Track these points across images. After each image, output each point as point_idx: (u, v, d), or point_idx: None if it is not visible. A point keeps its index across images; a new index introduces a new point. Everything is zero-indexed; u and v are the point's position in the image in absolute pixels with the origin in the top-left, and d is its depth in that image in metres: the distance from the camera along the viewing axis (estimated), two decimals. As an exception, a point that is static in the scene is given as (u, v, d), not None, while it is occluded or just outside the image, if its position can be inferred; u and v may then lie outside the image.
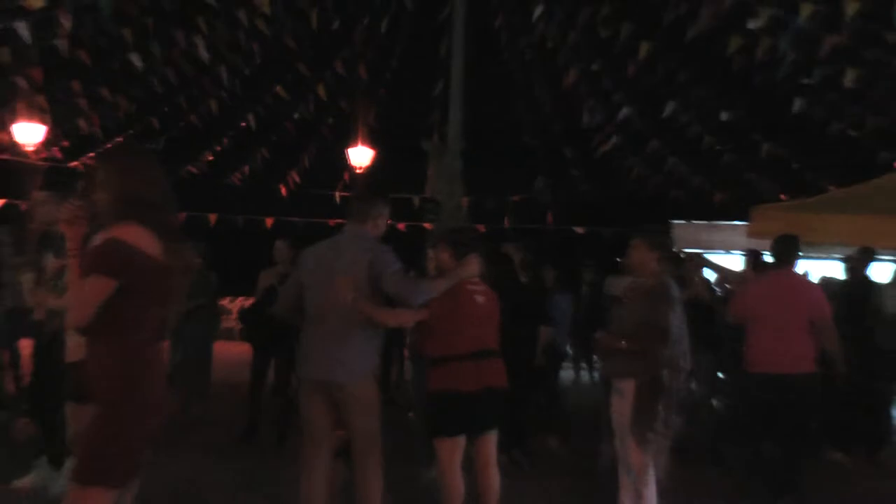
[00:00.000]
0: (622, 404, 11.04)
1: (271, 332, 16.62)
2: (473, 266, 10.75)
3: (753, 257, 17.60)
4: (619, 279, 13.65)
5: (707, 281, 17.29)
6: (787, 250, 14.43)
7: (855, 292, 17.08)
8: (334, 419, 10.38)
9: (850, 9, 18.08)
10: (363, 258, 10.29)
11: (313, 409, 10.42)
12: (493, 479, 10.62)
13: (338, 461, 10.81)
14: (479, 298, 10.70)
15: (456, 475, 10.31)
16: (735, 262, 21.31)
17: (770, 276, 14.93)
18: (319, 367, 10.42)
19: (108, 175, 6.94)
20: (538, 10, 25.22)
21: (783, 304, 13.90)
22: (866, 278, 17.64)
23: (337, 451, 10.70)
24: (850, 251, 17.93)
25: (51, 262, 11.46)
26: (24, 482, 12.74)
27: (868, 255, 17.54)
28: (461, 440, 10.46)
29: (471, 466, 10.81)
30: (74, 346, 9.49)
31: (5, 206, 29.69)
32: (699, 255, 17.93)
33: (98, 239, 6.78)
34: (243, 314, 18.09)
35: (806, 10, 18.92)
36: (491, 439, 10.73)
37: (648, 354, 10.80)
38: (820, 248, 18.77)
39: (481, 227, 29.09)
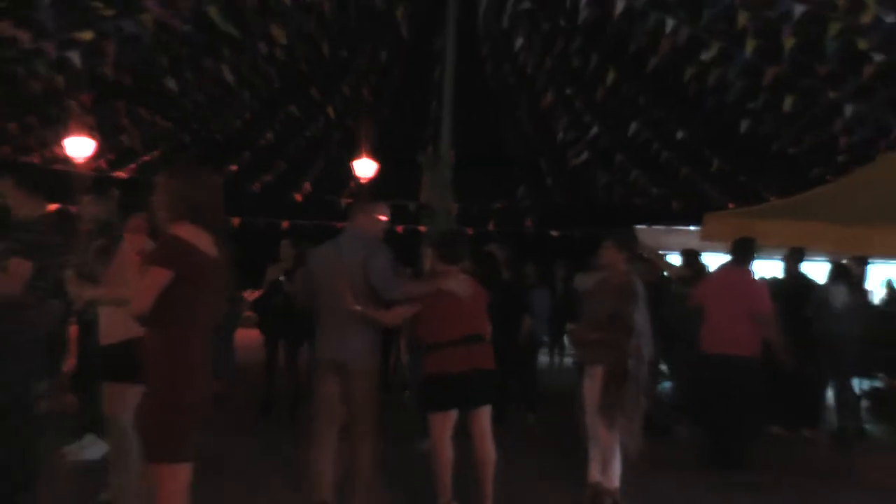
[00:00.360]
0: (592, 387, 11.17)
1: (278, 320, 16.81)
2: (452, 279, 10.84)
3: (689, 257, 17.81)
4: (586, 276, 13.73)
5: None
6: (744, 251, 14.72)
7: (790, 288, 17.21)
8: (342, 393, 10.61)
9: (788, 44, 18.22)
10: (359, 256, 10.61)
11: (326, 385, 10.67)
12: (489, 449, 10.64)
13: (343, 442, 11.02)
14: (464, 292, 10.66)
15: (446, 446, 10.41)
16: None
17: (724, 271, 15.20)
18: (331, 349, 10.77)
19: (172, 184, 7.03)
20: (519, 42, 25.30)
21: (730, 297, 14.18)
22: (800, 275, 17.80)
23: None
24: (786, 252, 18.08)
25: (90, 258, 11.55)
26: (71, 449, 12.87)
27: (798, 255, 17.71)
28: (452, 414, 10.55)
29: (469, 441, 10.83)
30: (106, 330, 9.60)
31: (59, 210, 29.77)
32: (658, 254, 18.10)
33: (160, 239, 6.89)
34: (254, 304, 18.20)
35: (751, 45, 19.05)
36: (483, 414, 10.72)
37: (616, 344, 10.91)
38: (762, 249, 18.89)
39: (469, 230, 29.16)
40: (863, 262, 17.24)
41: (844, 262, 17.24)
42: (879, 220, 16.51)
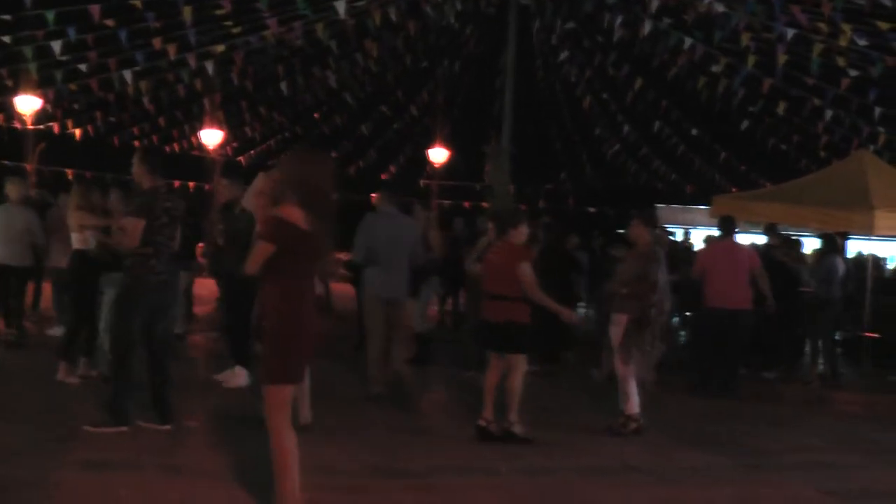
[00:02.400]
0: (617, 332, 11.31)
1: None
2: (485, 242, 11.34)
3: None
4: (619, 246, 13.92)
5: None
6: (727, 226, 14.97)
7: (776, 253, 17.33)
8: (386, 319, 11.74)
9: (781, 60, 18.36)
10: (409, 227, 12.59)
11: (378, 314, 11.87)
12: (514, 380, 10.37)
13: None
14: (493, 257, 10.63)
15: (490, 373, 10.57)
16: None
17: (717, 243, 15.47)
18: (386, 289, 11.98)
19: (287, 165, 7.24)
20: (564, 55, 25.49)
21: (729, 261, 14.40)
22: (789, 240, 17.97)
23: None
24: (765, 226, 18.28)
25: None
26: (224, 376, 12.56)
27: (772, 229, 17.84)
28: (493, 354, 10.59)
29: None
30: None
31: (195, 187, 30.40)
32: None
33: (271, 214, 7.07)
34: (346, 263, 18.40)
35: (751, 61, 19.21)
36: (513, 356, 10.45)
37: (640, 298, 11.09)
38: (758, 225, 19.06)
39: (523, 207, 29.34)
40: (843, 237, 17.31)
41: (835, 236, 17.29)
42: (852, 203, 16.65)
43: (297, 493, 6.72)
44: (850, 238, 17.98)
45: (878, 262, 19.02)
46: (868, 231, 16.69)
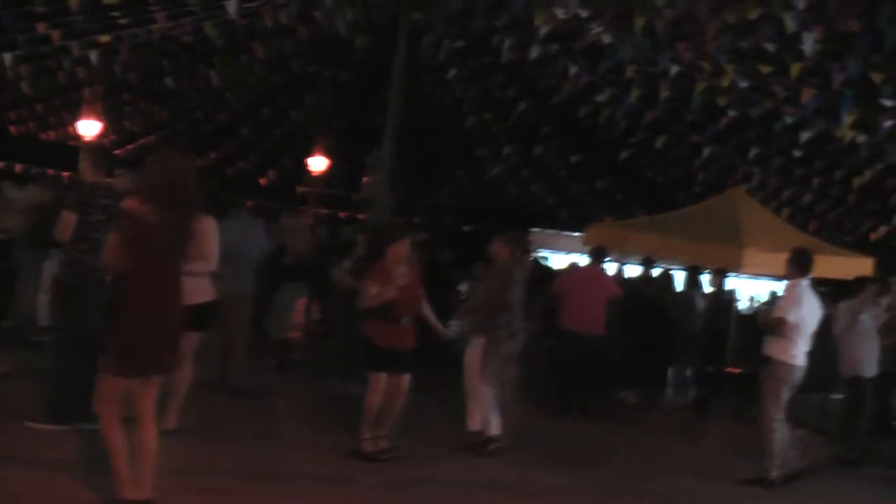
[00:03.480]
0: (473, 354, 11.32)
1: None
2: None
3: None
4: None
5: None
6: (599, 254, 15.24)
7: (645, 285, 17.65)
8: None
9: (663, 95, 18.65)
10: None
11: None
12: (402, 401, 10.41)
13: None
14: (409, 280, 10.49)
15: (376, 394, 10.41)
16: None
17: (583, 268, 15.74)
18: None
19: (149, 165, 7.19)
20: (452, 73, 25.57)
21: (587, 286, 14.63)
22: (652, 276, 18.26)
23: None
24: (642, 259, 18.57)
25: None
26: None
27: (649, 263, 18.17)
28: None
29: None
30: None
31: (70, 177, 29.85)
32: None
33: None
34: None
35: (635, 93, 19.46)
36: (405, 377, 10.44)
37: (491, 318, 11.12)
38: (631, 255, 19.32)
39: (398, 220, 29.30)
40: (720, 273, 17.59)
41: (707, 272, 17.61)
42: (722, 240, 16.97)
43: (128, 478, 6.81)
44: (728, 275, 18.27)
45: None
46: (736, 268, 17.04)
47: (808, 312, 11.32)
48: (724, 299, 17.73)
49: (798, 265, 11.43)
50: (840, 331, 13.35)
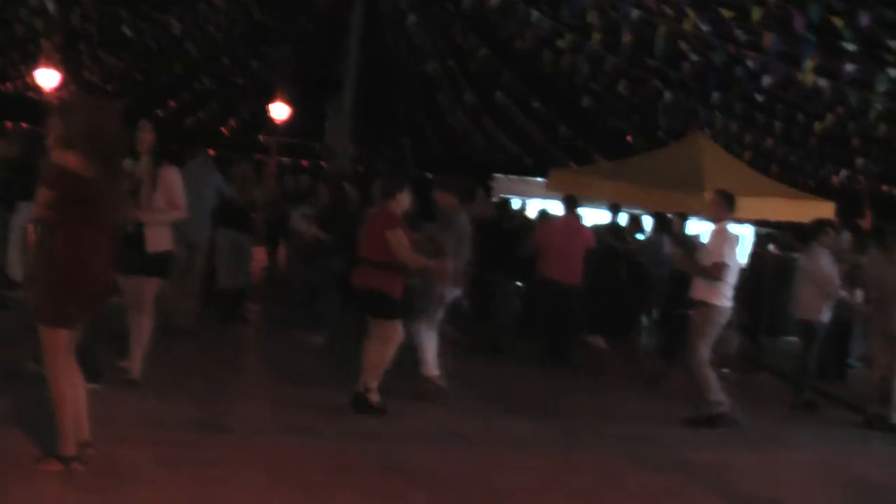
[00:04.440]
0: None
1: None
2: None
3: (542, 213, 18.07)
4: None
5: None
6: (572, 204, 15.16)
7: (609, 231, 17.63)
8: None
9: (625, 40, 18.59)
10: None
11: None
12: (378, 348, 9.98)
13: None
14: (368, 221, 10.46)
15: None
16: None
17: (558, 218, 15.67)
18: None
19: (71, 113, 7.08)
20: (412, 19, 25.42)
21: (567, 238, 14.58)
22: (616, 224, 18.22)
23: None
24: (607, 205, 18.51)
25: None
26: None
27: (616, 209, 18.12)
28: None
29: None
30: None
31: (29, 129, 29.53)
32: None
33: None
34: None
35: (596, 38, 19.39)
36: (382, 323, 10.11)
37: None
38: (593, 201, 19.27)
39: (361, 169, 29.19)
40: (683, 217, 17.54)
41: (669, 216, 17.56)
42: (685, 185, 16.97)
43: (71, 434, 6.74)
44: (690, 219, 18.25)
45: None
46: (698, 213, 17.03)
47: (737, 253, 11.37)
48: (689, 243, 17.71)
49: (725, 206, 11.38)
50: (801, 275, 13.34)
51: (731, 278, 11.24)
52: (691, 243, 17.55)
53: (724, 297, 11.18)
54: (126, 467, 7.17)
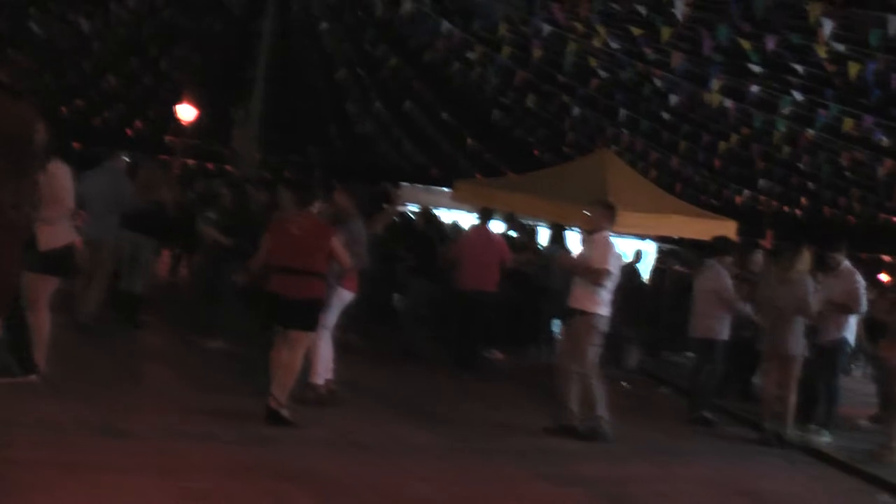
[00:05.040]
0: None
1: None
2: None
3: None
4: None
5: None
6: (487, 215, 15.35)
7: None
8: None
9: (536, 55, 18.73)
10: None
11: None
12: (297, 358, 9.90)
13: None
14: (294, 230, 10.01)
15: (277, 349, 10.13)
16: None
17: (473, 229, 15.81)
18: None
19: None
20: (324, 26, 25.40)
21: (482, 248, 14.68)
22: (508, 236, 18.35)
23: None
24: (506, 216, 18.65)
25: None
26: None
27: (510, 220, 18.24)
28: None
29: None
30: None
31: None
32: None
33: None
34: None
35: (506, 52, 19.51)
36: (301, 333, 9.99)
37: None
38: (497, 213, 19.36)
39: (268, 175, 29.04)
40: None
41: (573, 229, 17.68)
42: (588, 199, 17.08)
43: None
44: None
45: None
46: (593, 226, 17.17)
47: (618, 264, 11.47)
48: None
49: (607, 217, 11.47)
50: (699, 293, 13.49)
51: (611, 287, 11.31)
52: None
53: (604, 305, 11.11)
54: (20, 471, 6.99)
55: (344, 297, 11.12)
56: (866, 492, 10.72)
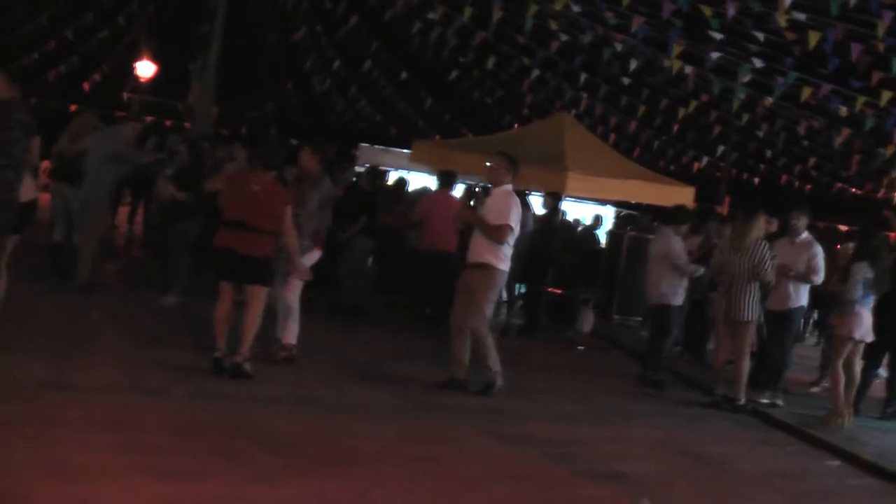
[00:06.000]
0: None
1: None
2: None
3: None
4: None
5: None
6: (448, 179, 15.46)
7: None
8: None
9: (496, 16, 18.73)
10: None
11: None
12: (254, 314, 10.04)
13: None
14: (255, 189, 10.02)
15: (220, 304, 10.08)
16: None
17: (436, 193, 15.91)
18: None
19: None
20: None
21: (442, 210, 14.75)
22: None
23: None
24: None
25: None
26: None
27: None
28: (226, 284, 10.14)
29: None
30: None
31: None
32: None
33: None
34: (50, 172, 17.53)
35: (467, 12, 19.50)
36: (255, 289, 10.12)
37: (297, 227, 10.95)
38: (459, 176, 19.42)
39: (225, 131, 28.93)
40: (555, 197, 17.66)
41: (536, 193, 17.76)
42: (547, 163, 17.17)
43: None
44: (562, 199, 18.45)
45: (569, 223, 19.70)
46: (559, 191, 17.27)
47: (519, 218, 11.37)
48: (557, 222, 17.93)
49: (508, 169, 11.35)
50: (652, 259, 13.61)
51: (512, 242, 11.25)
52: (557, 222, 17.88)
53: (505, 260, 11.10)
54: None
55: (314, 256, 11.23)
56: (814, 456, 10.91)
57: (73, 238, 13.84)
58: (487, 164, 12.59)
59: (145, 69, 30.51)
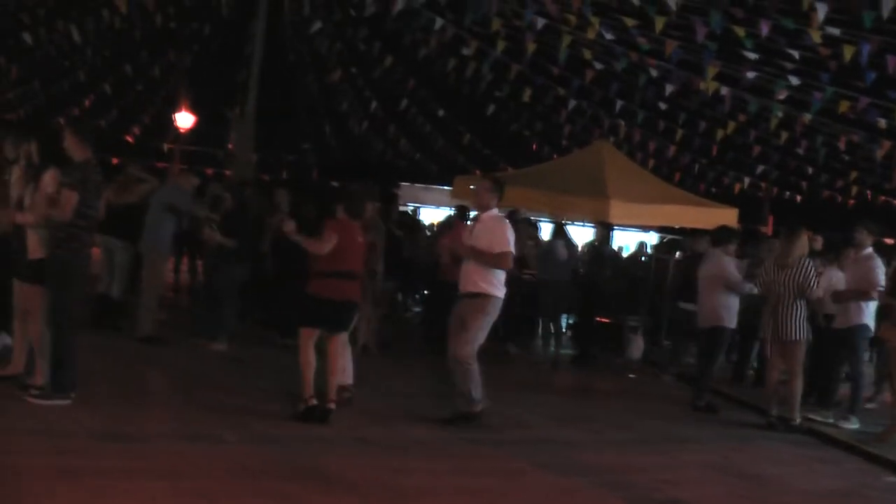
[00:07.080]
0: None
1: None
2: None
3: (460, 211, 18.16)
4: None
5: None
6: (461, 212, 15.63)
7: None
8: None
9: (530, 48, 18.77)
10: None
11: None
12: (343, 358, 10.56)
13: None
14: (358, 237, 10.46)
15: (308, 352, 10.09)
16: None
17: (456, 226, 15.93)
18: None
19: None
20: (316, 26, 25.42)
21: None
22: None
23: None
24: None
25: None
26: None
27: (515, 213, 18.28)
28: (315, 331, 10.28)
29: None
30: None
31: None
32: None
33: None
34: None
35: (501, 46, 19.56)
36: (342, 334, 10.51)
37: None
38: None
39: (265, 177, 29.08)
40: (606, 227, 17.57)
41: (565, 223, 17.74)
42: (588, 192, 17.20)
43: None
44: (613, 228, 18.39)
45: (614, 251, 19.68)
46: (602, 219, 17.27)
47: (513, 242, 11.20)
48: (607, 252, 17.90)
49: (494, 192, 11.13)
50: (702, 280, 13.56)
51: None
52: (608, 251, 17.86)
53: (500, 287, 10.91)
54: (22, 479, 7.07)
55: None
56: (872, 473, 10.83)
57: (113, 290, 13.96)
58: (471, 187, 12.51)
59: (184, 120, 30.79)
